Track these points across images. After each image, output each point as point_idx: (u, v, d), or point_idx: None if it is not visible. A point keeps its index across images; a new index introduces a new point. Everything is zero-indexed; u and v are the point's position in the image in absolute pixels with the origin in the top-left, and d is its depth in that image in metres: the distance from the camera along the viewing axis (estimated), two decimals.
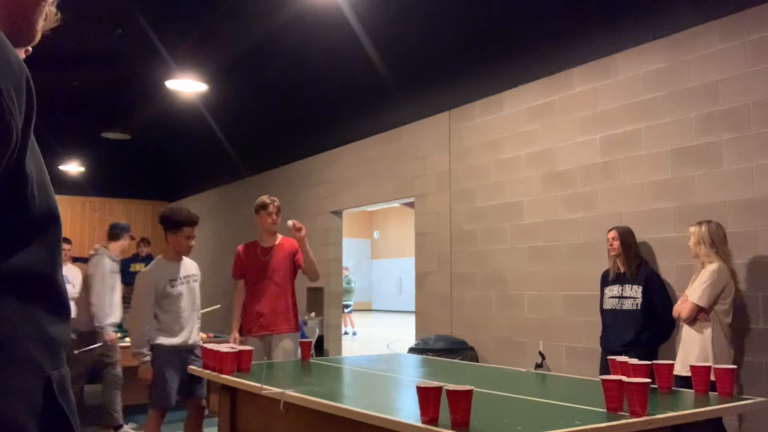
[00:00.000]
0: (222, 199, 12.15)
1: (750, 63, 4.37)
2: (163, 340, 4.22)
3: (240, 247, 5.03)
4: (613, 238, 4.75)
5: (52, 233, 0.81)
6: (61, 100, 8.57)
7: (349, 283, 16.61)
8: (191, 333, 4.36)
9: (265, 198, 4.96)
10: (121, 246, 5.92)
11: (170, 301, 4.26)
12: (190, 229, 4.37)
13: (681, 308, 4.13)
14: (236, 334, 4.92)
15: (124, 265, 9.60)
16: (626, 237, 4.75)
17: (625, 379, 2.47)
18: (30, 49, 0.93)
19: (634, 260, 4.71)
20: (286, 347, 4.72)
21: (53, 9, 0.94)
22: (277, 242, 4.94)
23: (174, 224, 4.33)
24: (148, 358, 4.15)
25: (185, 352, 4.29)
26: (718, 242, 4.09)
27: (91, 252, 5.89)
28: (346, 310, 16.43)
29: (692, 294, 4.05)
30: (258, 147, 10.33)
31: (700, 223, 4.19)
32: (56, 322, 0.81)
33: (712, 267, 4.02)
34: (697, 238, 4.14)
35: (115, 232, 5.89)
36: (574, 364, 5.33)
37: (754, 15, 4.36)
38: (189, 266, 4.48)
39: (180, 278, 4.35)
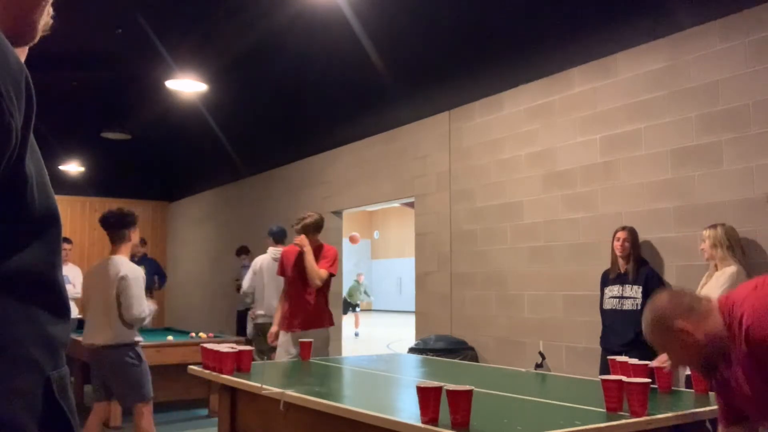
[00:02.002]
0: (222, 199, 12.15)
1: (750, 63, 4.37)
2: (140, 338, 4.49)
3: (285, 248, 5.61)
4: (624, 239, 4.74)
5: (52, 234, 0.81)
6: (61, 100, 8.57)
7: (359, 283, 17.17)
8: None
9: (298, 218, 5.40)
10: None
11: None
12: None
13: None
14: (275, 329, 5.35)
15: None
16: (634, 237, 4.76)
17: (625, 379, 2.47)
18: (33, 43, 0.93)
19: (635, 260, 4.72)
20: (315, 344, 4.99)
21: (50, 9, 0.93)
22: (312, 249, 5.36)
23: (134, 222, 4.41)
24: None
25: None
26: (734, 244, 4.08)
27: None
28: (356, 309, 16.59)
29: (711, 296, 4.02)
30: (258, 147, 10.32)
31: (714, 226, 4.15)
32: (56, 322, 0.81)
33: (732, 269, 4.01)
34: (713, 240, 4.10)
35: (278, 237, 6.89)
36: (574, 364, 5.33)
37: (754, 15, 4.36)
38: None
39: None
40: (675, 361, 2.15)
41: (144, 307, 4.29)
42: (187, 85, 7.47)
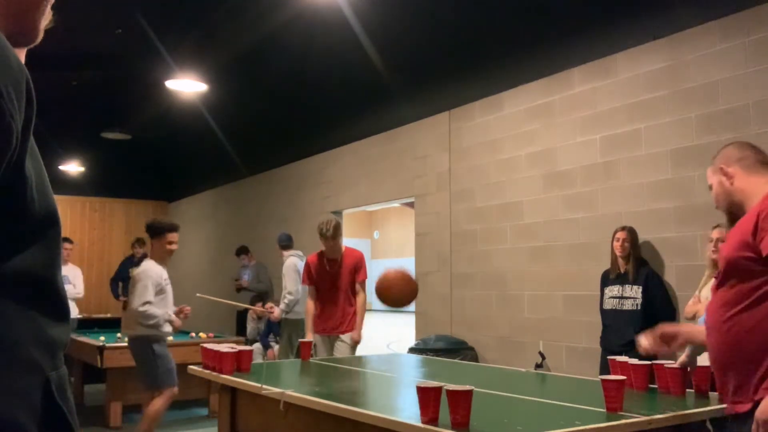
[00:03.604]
0: (222, 199, 12.15)
1: (750, 63, 4.37)
2: (165, 331, 4.86)
3: (309, 258, 5.71)
4: (624, 239, 4.74)
5: (52, 235, 0.81)
6: (61, 100, 8.57)
7: None
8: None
9: (321, 226, 5.49)
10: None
11: (162, 297, 4.84)
12: (173, 235, 4.90)
13: (695, 309, 4.11)
14: (311, 334, 5.62)
15: (124, 270, 9.46)
16: (634, 237, 4.76)
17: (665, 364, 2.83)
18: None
19: (635, 260, 4.72)
20: (348, 343, 5.53)
21: (49, 9, 0.93)
22: (340, 254, 5.61)
23: (158, 231, 4.87)
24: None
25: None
26: None
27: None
28: None
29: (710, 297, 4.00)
30: (258, 147, 10.32)
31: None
32: (55, 323, 0.81)
33: None
34: None
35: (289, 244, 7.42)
36: (574, 364, 5.33)
37: (754, 15, 4.36)
38: (166, 271, 5.08)
39: (167, 279, 4.93)
40: (714, 195, 2.40)
41: (140, 302, 4.68)
42: (187, 85, 7.47)
